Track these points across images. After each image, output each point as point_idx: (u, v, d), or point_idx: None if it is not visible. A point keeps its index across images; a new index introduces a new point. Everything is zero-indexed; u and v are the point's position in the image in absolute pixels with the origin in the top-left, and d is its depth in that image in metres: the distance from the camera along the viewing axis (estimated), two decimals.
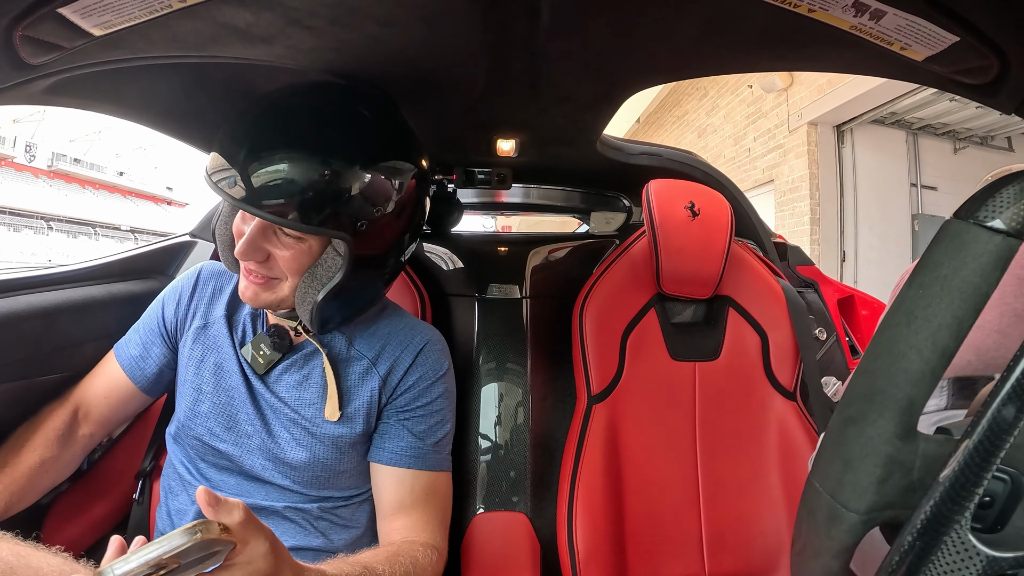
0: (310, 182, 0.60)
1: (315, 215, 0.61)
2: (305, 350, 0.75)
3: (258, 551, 0.43)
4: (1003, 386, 0.32)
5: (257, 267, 0.67)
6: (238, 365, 0.75)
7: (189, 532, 0.38)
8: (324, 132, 0.62)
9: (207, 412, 0.74)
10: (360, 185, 0.62)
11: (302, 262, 0.66)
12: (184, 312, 0.80)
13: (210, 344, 0.77)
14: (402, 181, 0.67)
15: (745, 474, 0.97)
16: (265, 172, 0.60)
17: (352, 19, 0.61)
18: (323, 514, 0.73)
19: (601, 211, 1.38)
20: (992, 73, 0.52)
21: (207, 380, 0.75)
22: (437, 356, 0.79)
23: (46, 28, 0.52)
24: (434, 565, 0.68)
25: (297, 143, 0.61)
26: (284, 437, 0.72)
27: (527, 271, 1.12)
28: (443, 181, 1.13)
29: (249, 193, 0.60)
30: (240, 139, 0.61)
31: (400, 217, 0.68)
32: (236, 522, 0.42)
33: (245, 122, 0.63)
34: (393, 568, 0.60)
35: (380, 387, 0.74)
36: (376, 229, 0.65)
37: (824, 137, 5.78)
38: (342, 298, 0.68)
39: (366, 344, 0.77)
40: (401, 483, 0.72)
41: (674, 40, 0.64)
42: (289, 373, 0.74)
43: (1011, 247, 0.34)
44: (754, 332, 1.02)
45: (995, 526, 0.35)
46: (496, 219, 2.67)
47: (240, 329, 0.77)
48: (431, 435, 0.75)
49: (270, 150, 0.60)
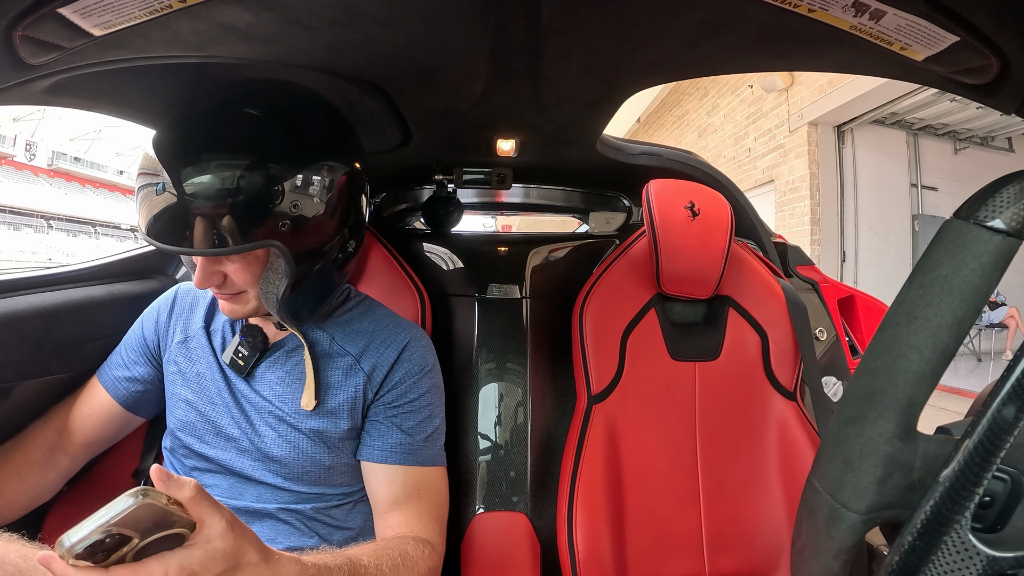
0: (220, 207, 0.60)
1: (242, 234, 0.61)
2: (287, 346, 0.77)
3: (215, 529, 0.43)
4: (1003, 386, 0.32)
5: (220, 288, 0.69)
6: (219, 371, 0.77)
7: (132, 495, 0.38)
8: (222, 148, 0.62)
9: (193, 421, 0.75)
10: (276, 190, 0.62)
11: (254, 272, 0.68)
12: (164, 329, 0.82)
13: (192, 356, 0.79)
14: (330, 178, 0.67)
15: (745, 474, 0.97)
16: (190, 213, 0.60)
17: (352, 19, 0.61)
18: (316, 515, 0.73)
19: (601, 211, 1.38)
20: (992, 73, 0.52)
21: (191, 390, 0.77)
22: (422, 352, 0.79)
23: (46, 28, 0.52)
24: (426, 559, 0.67)
25: (203, 173, 0.61)
26: (269, 435, 0.73)
27: (527, 271, 1.12)
28: (443, 181, 1.13)
29: (181, 237, 0.61)
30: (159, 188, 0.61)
31: (332, 214, 0.69)
32: (186, 497, 0.42)
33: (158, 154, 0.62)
34: (379, 560, 0.59)
35: (365, 384, 0.75)
36: (306, 227, 0.66)
37: (824, 137, 5.78)
38: (302, 291, 0.71)
39: (349, 341, 0.77)
40: (393, 480, 0.73)
41: (673, 40, 0.64)
42: (272, 370, 0.76)
43: (1011, 247, 0.34)
44: (754, 332, 1.02)
45: (995, 526, 0.35)
46: (496, 219, 2.67)
47: (219, 336, 0.79)
48: (420, 431, 0.76)
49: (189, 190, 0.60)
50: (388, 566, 0.60)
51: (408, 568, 0.63)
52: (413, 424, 0.75)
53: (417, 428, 0.75)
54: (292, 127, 0.67)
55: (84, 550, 0.37)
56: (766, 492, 0.96)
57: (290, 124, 0.67)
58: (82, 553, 0.37)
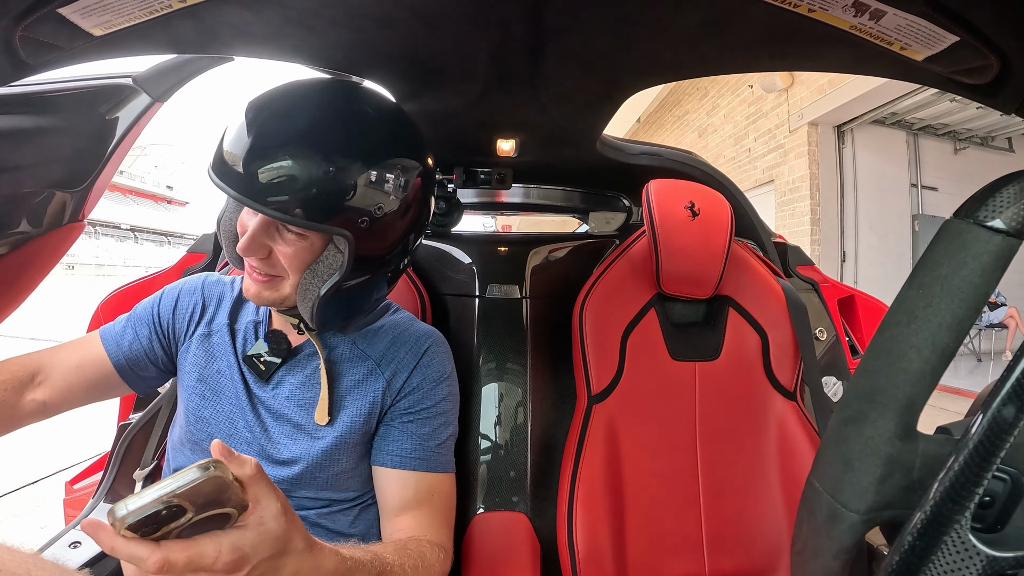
0: (312, 179, 0.59)
1: (317, 212, 0.60)
2: (307, 351, 0.75)
3: (270, 511, 0.42)
4: (1003, 386, 0.32)
5: (260, 264, 0.66)
6: (239, 373, 0.75)
7: (202, 468, 0.37)
8: (327, 129, 0.62)
9: (209, 418, 0.74)
10: (363, 182, 0.62)
11: (304, 259, 0.65)
12: (186, 317, 0.79)
13: (213, 352, 0.76)
14: (407, 179, 0.66)
15: (745, 474, 0.97)
16: (268, 168, 0.59)
17: (352, 19, 0.61)
18: (320, 520, 0.72)
19: (601, 211, 1.38)
20: (992, 73, 0.52)
21: (210, 387, 0.75)
22: (441, 358, 0.78)
23: (46, 28, 0.52)
24: (441, 563, 0.67)
25: (301, 139, 0.61)
26: (283, 441, 0.72)
27: (527, 271, 1.12)
28: (443, 181, 1.13)
29: (252, 189, 0.59)
30: (244, 136, 0.61)
31: (404, 216, 0.67)
32: (247, 475, 0.41)
33: (249, 119, 0.62)
34: (402, 559, 0.59)
35: (384, 389, 0.74)
36: (379, 227, 0.65)
37: (825, 137, 5.78)
38: (343, 297, 0.68)
39: (370, 344, 0.76)
40: (405, 485, 0.72)
41: (674, 40, 0.64)
42: (292, 375, 0.74)
43: (1011, 247, 0.34)
44: (754, 332, 1.02)
45: (995, 526, 0.35)
46: (496, 219, 2.67)
47: (242, 336, 0.77)
48: (434, 437, 0.75)
49: (274, 147, 0.60)
50: (410, 565, 0.60)
51: (426, 569, 0.63)
52: (428, 431, 0.74)
53: (432, 435, 0.75)
54: (392, 127, 0.67)
55: (138, 521, 0.36)
56: (766, 492, 0.96)
57: (389, 124, 0.67)
58: (135, 524, 0.36)
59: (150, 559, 0.36)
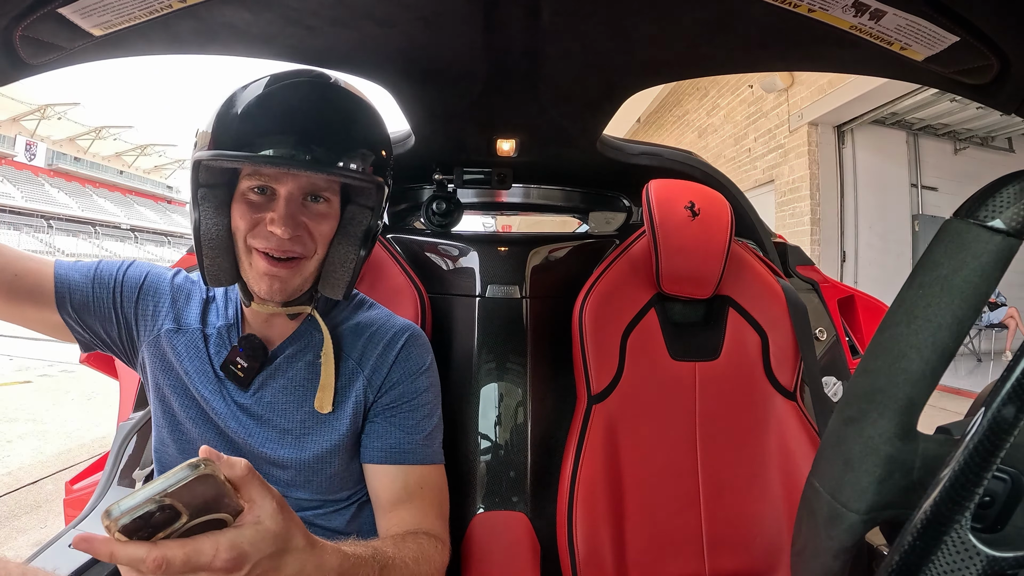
0: (366, 140, 0.66)
1: (377, 167, 0.67)
2: (286, 352, 0.74)
3: (266, 510, 0.42)
4: (1003, 386, 0.32)
5: (291, 246, 0.65)
6: (214, 376, 0.72)
7: (192, 466, 0.37)
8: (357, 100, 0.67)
9: (194, 439, 0.72)
10: (385, 149, 0.69)
11: (332, 227, 0.69)
12: (151, 306, 0.75)
13: (183, 350, 0.73)
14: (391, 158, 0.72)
15: (745, 474, 0.97)
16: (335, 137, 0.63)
17: (352, 19, 0.61)
18: (317, 520, 0.72)
19: (601, 211, 1.38)
20: (992, 73, 0.52)
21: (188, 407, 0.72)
22: (419, 351, 0.78)
23: (46, 28, 0.52)
24: (440, 553, 0.67)
25: (354, 107, 0.66)
26: (271, 446, 0.71)
27: (527, 271, 1.12)
28: (443, 181, 1.13)
29: (323, 158, 0.62)
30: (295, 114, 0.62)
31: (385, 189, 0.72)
32: (239, 476, 0.41)
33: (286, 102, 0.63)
34: (402, 552, 0.60)
35: (366, 387, 0.74)
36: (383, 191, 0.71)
37: (825, 137, 5.78)
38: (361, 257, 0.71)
39: (348, 343, 0.76)
40: (395, 479, 0.72)
41: (674, 40, 0.64)
42: (274, 379, 0.73)
43: (1011, 247, 0.34)
44: (754, 332, 1.02)
45: (995, 526, 0.35)
46: (496, 219, 2.67)
47: (215, 341, 0.74)
48: (419, 429, 0.75)
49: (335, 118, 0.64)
50: (411, 558, 0.60)
51: (426, 561, 0.63)
52: (413, 423, 0.75)
53: (416, 427, 0.75)
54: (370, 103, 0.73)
55: (132, 522, 0.35)
56: (766, 492, 0.96)
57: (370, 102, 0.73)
58: (129, 525, 0.35)
59: (148, 558, 0.36)
